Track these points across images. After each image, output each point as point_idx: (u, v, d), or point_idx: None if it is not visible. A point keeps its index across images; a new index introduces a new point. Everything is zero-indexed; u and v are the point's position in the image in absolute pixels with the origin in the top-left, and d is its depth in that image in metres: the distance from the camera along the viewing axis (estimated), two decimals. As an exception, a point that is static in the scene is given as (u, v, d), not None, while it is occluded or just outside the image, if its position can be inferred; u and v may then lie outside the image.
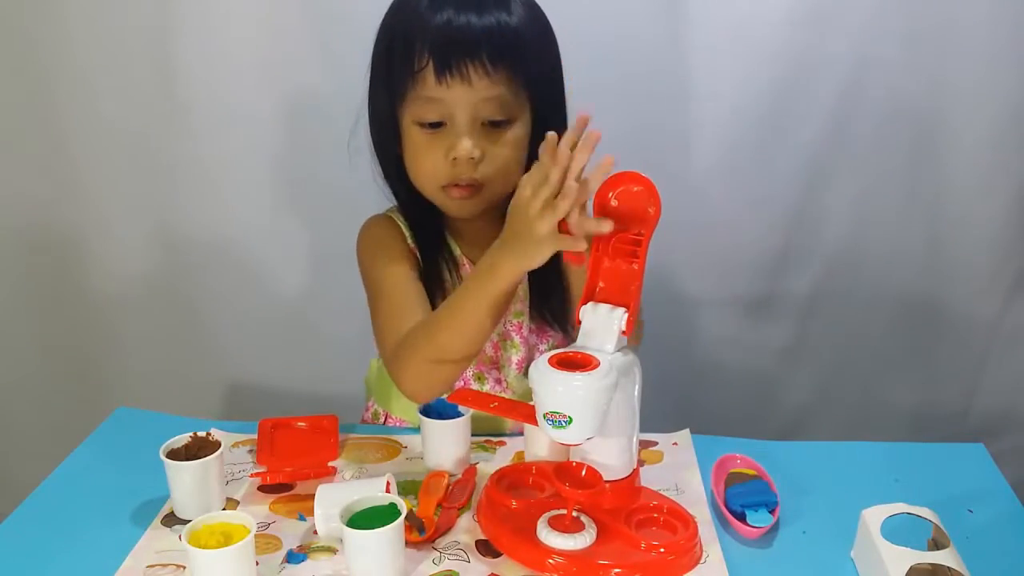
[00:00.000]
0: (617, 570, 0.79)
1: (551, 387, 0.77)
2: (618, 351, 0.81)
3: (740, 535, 0.87)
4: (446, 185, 0.98)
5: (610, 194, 0.82)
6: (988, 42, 1.35)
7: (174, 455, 0.89)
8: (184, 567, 0.82)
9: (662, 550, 0.81)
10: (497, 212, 0.98)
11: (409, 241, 1.05)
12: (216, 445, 0.90)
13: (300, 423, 1.04)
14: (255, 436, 1.03)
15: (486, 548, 0.86)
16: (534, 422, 0.80)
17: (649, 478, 0.91)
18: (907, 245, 1.48)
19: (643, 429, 0.88)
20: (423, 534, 0.86)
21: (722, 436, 1.06)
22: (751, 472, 0.95)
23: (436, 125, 0.96)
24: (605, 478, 0.83)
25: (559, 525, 0.82)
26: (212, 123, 1.40)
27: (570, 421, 0.77)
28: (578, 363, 0.78)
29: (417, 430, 1.00)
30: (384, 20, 1.00)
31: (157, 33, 1.35)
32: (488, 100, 0.94)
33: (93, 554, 0.85)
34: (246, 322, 1.52)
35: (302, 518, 0.90)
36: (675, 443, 1.04)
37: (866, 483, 0.95)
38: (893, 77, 1.37)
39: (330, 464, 0.99)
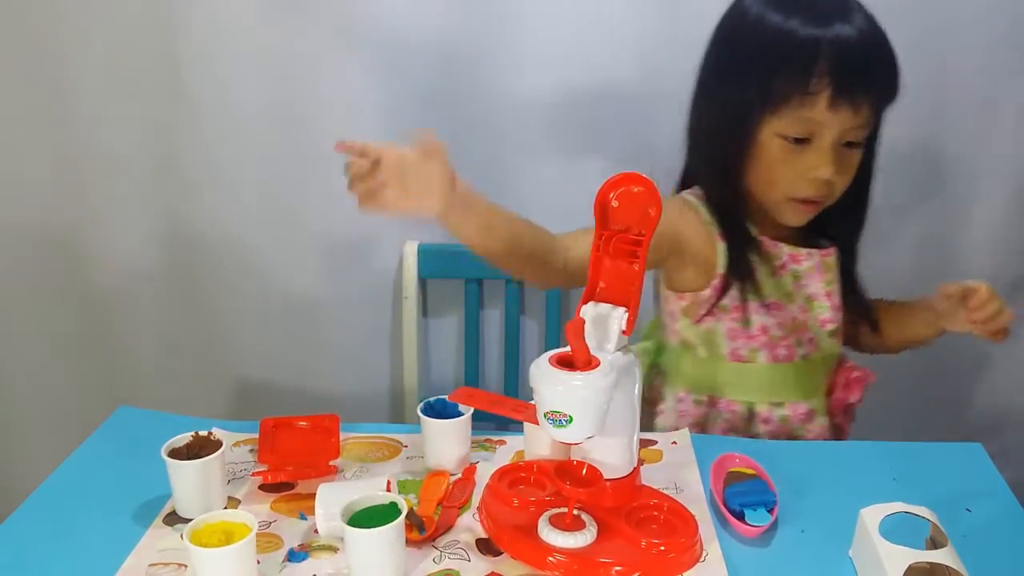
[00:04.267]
0: (617, 568, 0.80)
1: (552, 386, 0.77)
2: (618, 350, 0.81)
3: (739, 534, 0.87)
4: (798, 198, 1.02)
5: (611, 195, 0.82)
6: (988, 41, 1.35)
7: (176, 454, 0.90)
8: (186, 566, 0.83)
9: (662, 548, 0.81)
10: None
11: (704, 221, 1.09)
12: (217, 444, 0.91)
13: (301, 422, 1.05)
14: (256, 435, 1.03)
15: (486, 547, 0.86)
16: (535, 421, 0.81)
17: (649, 477, 0.92)
18: (906, 245, 1.49)
19: (643, 429, 0.88)
20: (423, 533, 0.86)
21: (721, 436, 1.06)
22: (750, 471, 0.95)
23: (800, 140, 0.99)
24: (605, 476, 0.84)
25: (560, 523, 0.83)
26: (219, 121, 1.40)
27: (571, 420, 0.77)
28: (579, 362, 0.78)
29: (417, 429, 1.00)
30: (741, 16, 1.01)
31: (164, 32, 1.35)
32: (858, 127, 0.99)
33: (95, 552, 0.85)
34: (252, 320, 1.52)
35: (303, 517, 0.91)
36: (674, 442, 1.04)
37: (864, 482, 0.95)
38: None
39: (331, 463, 0.99)
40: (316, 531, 0.87)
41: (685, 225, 1.10)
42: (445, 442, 0.98)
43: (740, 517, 0.88)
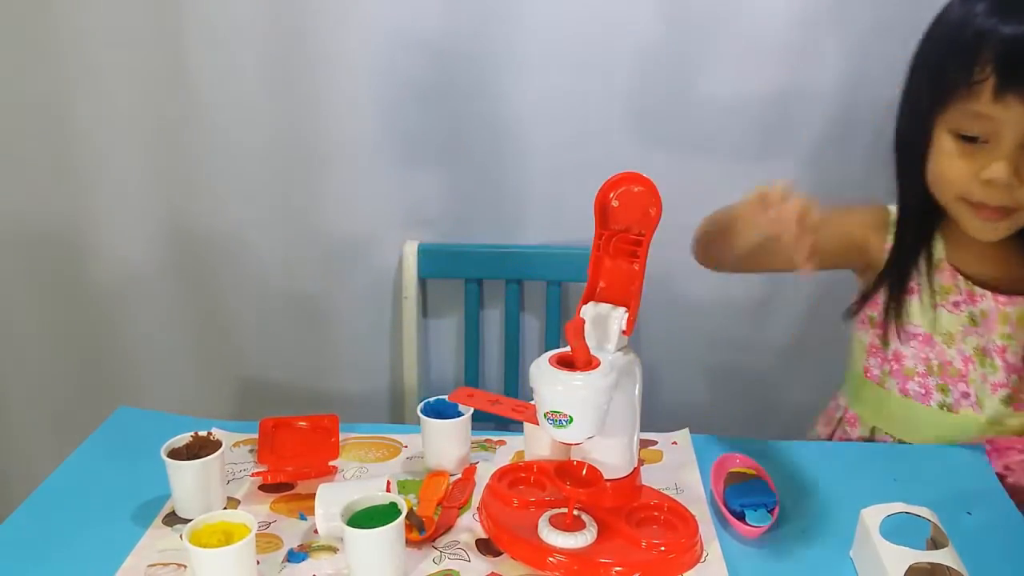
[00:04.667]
0: (618, 568, 0.80)
1: (552, 386, 0.77)
2: (619, 350, 0.81)
3: (739, 534, 0.87)
4: (973, 203, 0.95)
5: (611, 194, 0.82)
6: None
7: (175, 454, 0.90)
8: (185, 566, 0.83)
9: (663, 548, 0.81)
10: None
11: (887, 237, 1.06)
12: (217, 444, 0.91)
13: (301, 422, 1.05)
14: (256, 435, 1.03)
15: (486, 547, 0.86)
16: (535, 421, 0.81)
17: (649, 477, 0.91)
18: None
19: (643, 429, 0.88)
20: (423, 533, 0.86)
21: (721, 436, 1.06)
22: (750, 471, 0.95)
23: (973, 139, 0.93)
24: (606, 477, 0.84)
25: (560, 524, 0.83)
26: (220, 121, 1.40)
27: (571, 420, 0.77)
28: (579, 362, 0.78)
29: (417, 429, 1.00)
30: (945, 9, 0.96)
31: (165, 32, 1.35)
32: None
33: (94, 553, 0.85)
34: (252, 320, 1.52)
35: (303, 517, 0.91)
36: (674, 442, 1.04)
37: (864, 482, 0.95)
38: (894, 76, 1.37)
39: (331, 463, 0.99)
40: (316, 531, 0.86)
41: (870, 230, 1.08)
42: (445, 442, 0.98)
43: (740, 517, 0.88)
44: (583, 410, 0.77)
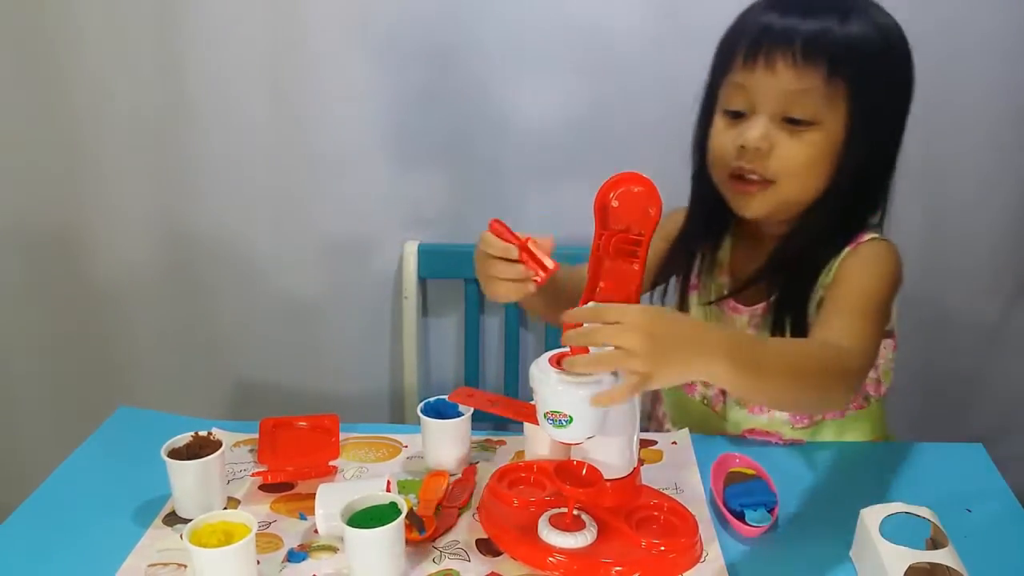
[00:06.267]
0: (617, 568, 0.80)
1: (552, 387, 0.77)
2: (618, 351, 0.81)
3: (739, 534, 0.87)
4: (733, 175, 0.97)
5: (611, 195, 0.82)
6: (988, 42, 1.35)
7: (175, 454, 0.90)
8: (185, 566, 0.83)
9: (662, 548, 0.81)
10: (781, 227, 1.01)
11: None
12: (217, 444, 0.91)
13: (301, 422, 1.05)
14: (256, 435, 1.03)
15: (486, 547, 0.86)
16: (535, 421, 0.81)
17: (649, 477, 0.91)
18: (907, 246, 1.48)
19: (643, 429, 0.88)
20: (423, 533, 0.86)
21: (721, 436, 1.06)
22: (750, 471, 0.95)
23: (739, 115, 0.96)
24: (605, 477, 0.84)
25: (560, 523, 0.83)
26: (220, 121, 1.40)
27: (570, 420, 0.77)
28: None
29: (417, 429, 1.00)
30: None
31: (166, 31, 1.35)
32: (792, 93, 0.92)
33: (95, 553, 0.85)
34: (252, 320, 1.53)
35: (303, 517, 0.91)
36: (674, 442, 1.04)
37: (864, 482, 0.95)
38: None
39: (331, 463, 0.99)
40: (316, 531, 0.86)
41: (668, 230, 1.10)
42: (445, 442, 0.98)
43: (740, 517, 0.88)
44: (583, 410, 0.77)
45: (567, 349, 0.79)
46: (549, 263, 0.82)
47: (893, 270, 1.02)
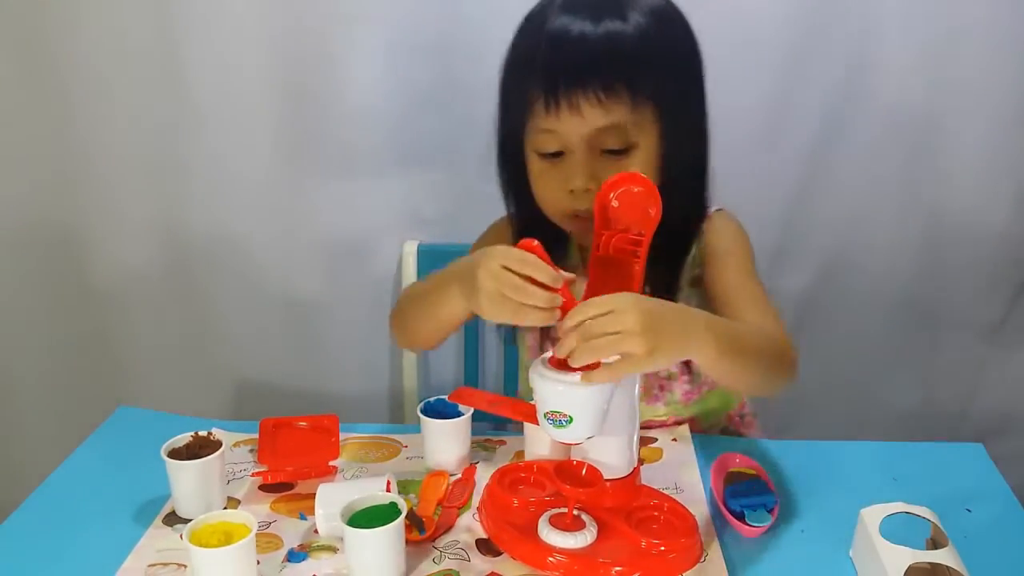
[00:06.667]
0: (617, 568, 0.80)
1: (552, 387, 0.77)
2: (618, 351, 0.81)
3: (739, 534, 0.87)
4: (569, 215, 0.96)
5: (611, 195, 0.82)
6: (988, 43, 1.35)
7: (175, 454, 0.90)
8: (185, 566, 0.83)
9: (662, 548, 0.81)
10: None
11: None
12: (217, 444, 0.91)
13: (301, 422, 1.05)
14: (256, 435, 1.03)
15: (486, 547, 0.86)
16: (535, 421, 0.81)
17: (649, 477, 0.91)
18: (906, 246, 1.49)
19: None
20: (423, 533, 0.86)
21: (722, 436, 1.06)
22: (750, 471, 0.95)
23: (555, 155, 0.94)
24: (605, 477, 0.84)
25: (560, 523, 0.83)
26: (220, 122, 1.40)
27: (570, 420, 0.77)
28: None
29: (417, 429, 1.00)
30: (514, 36, 0.98)
31: (165, 32, 1.35)
32: (603, 130, 0.91)
33: (95, 553, 0.85)
34: (252, 320, 1.53)
35: (303, 517, 0.91)
36: (674, 439, 1.04)
37: (865, 482, 0.95)
38: (893, 78, 1.37)
39: (331, 463, 0.99)
40: (316, 531, 0.87)
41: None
42: (445, 442, 0.98)
43: (740, 517, 0.88)
44: (583, 410, 0.77)
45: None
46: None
47: (747, 238, 1.06)
